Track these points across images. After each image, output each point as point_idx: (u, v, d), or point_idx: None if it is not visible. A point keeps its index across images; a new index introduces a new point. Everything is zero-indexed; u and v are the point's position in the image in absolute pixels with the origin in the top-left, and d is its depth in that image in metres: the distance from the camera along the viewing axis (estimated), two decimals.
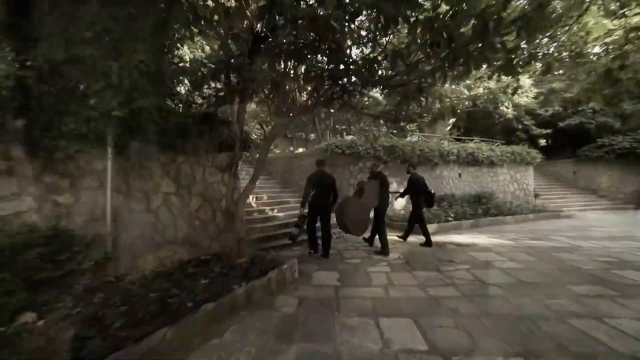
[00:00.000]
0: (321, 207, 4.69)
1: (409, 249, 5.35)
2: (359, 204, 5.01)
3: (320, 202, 4.67)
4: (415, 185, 5.60)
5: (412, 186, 5.64)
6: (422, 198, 5.57)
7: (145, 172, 3.68)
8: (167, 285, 2.87)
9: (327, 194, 4.73)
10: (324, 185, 4.70)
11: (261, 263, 3.80)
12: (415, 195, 5.59)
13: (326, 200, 4.71)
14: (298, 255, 5.00)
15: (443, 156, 9.80)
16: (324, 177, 4.76)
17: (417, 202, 5.60)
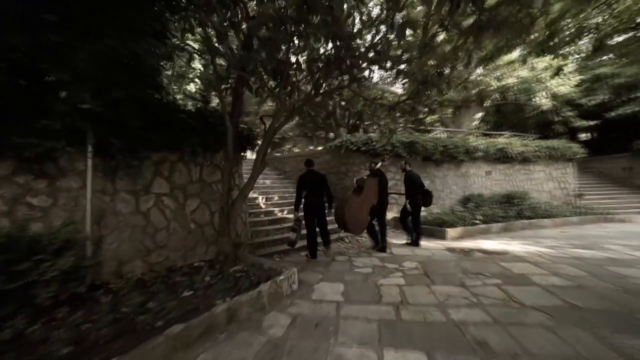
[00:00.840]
0: (316, 207, 4.52)
1: (428, 255, 4.70)
2: (357, 202, 4.83)
3: (314, 203, 4.50)
4: (412, 183, 5.39)
5: (409, 185, 5.42)
6: (420, 197, 5.37)
7: (133, 171, 3.40)
8: (143, 298, 2.52)
9: (319, 194, 4.57)
10: (316, 185, 4.55)
11: (257, 272, 3.39)
12: (415, 192, 5.36)
13: (320, 200, 4.55)
14: (304, 261, 4.55)
15: (469, 152, 8.89)
16: (314, 176, 4.62)
17: (415, 199, 5.36)
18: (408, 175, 5.46)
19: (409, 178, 5.43)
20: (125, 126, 2.96)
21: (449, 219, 6.51)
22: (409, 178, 5.43)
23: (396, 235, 6.57)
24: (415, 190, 5.32)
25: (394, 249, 5.22)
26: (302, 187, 4.50)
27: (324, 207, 4.59)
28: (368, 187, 4.94)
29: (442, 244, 5.60)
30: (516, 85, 11.15)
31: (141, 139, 3.28)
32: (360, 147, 7.55)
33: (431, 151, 8.08)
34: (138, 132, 3.12)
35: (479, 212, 7.22)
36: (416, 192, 5.32)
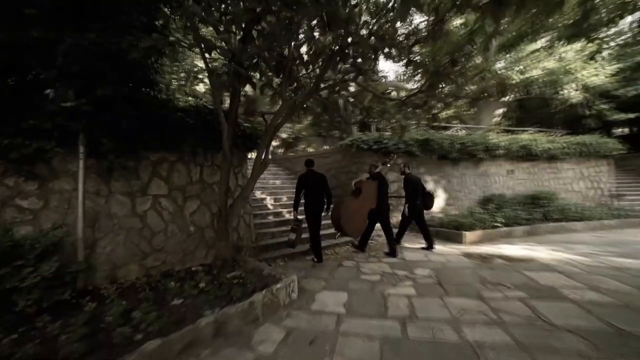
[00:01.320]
0: (315, 207, 4.41)
1: (442, 262, 4.30)
2: (354, 204, 4.69)
3: (314, 203, 4.40)
4: (412, 186, 5.20)
5: (409, 187, 5.22)
6: (420, 200, 5.20)
7: (128, 172, 3.29)
8: (127, 307, 2.36)
9: (319, 194, 4.44)
10: (315, 185, 4.43)
11: (255, 279, 3.18)
12: (414, 194, 5.18)
13: (319, 200, 4.44)
14: (309, 266, 4.29)
15: (489, 150, 8.30)
16: (314, 177, 4.49)
17: (414, 202, 5.18)
18: (408, 179, 5.26)
19: (408, 181, 5.23)
20: (116, 126, 2.83)
21: (466, 221, 6.03)
22: (408, 181, 5.23)
23: (410, 239, 6.18)
24: (415, 194, 5.14)
25: (407, 254, 4.86)
26: (301, 187, 4.41)
27: (322, 208, 4.47)
28: (366, 190, 4.76)
29: (459, 248, 5.16)
30: (541, 77, 10.31)
31: (135, 139, 3.16)
32: (371, 145, 7.19)
33: (447, 149, 7.58)
34: (131, 131, 2.98)
35: (500, 213, 6.66)
36: (416, 196, 5.15)
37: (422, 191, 5.26)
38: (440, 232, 6.13)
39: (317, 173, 4.57)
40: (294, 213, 4.41)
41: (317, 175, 4.53)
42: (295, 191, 4.41)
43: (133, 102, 2.90)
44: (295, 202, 4.38)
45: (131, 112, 2.87)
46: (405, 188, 5.27)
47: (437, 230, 6.20)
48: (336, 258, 4.72)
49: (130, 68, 2.66)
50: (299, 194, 4.39)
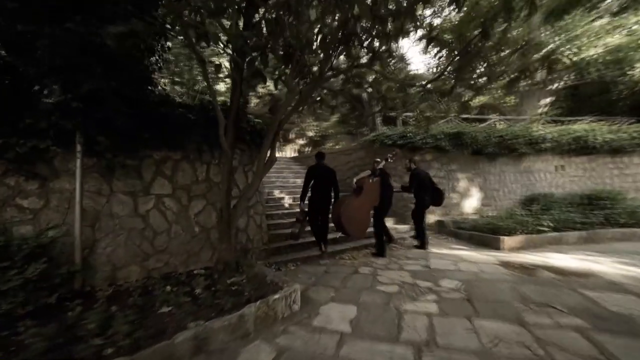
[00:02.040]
0: (321, 201, 4.34)
1: (474, 272, 3.67)
2: (356, 202, 4.44)
3: (320, 197, 4.32)
4: (418, 181, 4.97)
5: (416, 181, 4.98)
6: (428, 196, 5.00)
7: (127, 171, 3.18)
8: (112, 314, 2.19)
9: (327, 188, 4.36)
10: (324, 178, 4.36)
11: (256, 285, 2.90)
12: (421, 191, 4.96)
13: (326, 194, 4.36)
14: (321, 272, 3.92)
15: (533, 143, 7.26)
16: (323, 170, 4.42)
17: (421, 198, 4.97)
18: (413, 174, 5.04)
19: (414, 177, 5.00)
20: (110, 123, 2.71)
21: (505, 224, 5.22)
22: (414, 177, 5.00)
23: (439, 242, 5.52)
24: (422, 190, 4.93)
25: (434, 261, 4.27)
26: (310, 180, 4.35)
27: (329, 203, 4.40)
28: (368, 188, 4.50)
29: (496, 256, 4.43)
30: (602, 57, 8.79)
31: (134, 137, 3.04)
32: (396, 140, 6.61)
33: (482, 143, 6.73)
34: (127, 129, 2.86)
35: (547, 216, 5.70)
36: (423, 192, 4.94)
37: (432, 186, 5.03)
38: (473, 236, 5.39)
39: (327, 167, 4.50)
40: (300, 204, 4.39)
41: (326, 169, 4.46)
42: (304, 182, 4.39)
43: (127, 99, 2.75)
44: (303, 194, 4.37)
45: (124, 109, 2.72)
46: (410, 184, 5.03)
47: (470, 234, 5.47)
48: (353, 264, 4.29)
49: (119, 62, 2.50)
50: (307, 186, 4.35)
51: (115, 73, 2.50)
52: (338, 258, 4.59)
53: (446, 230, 6.05)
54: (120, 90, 2.61)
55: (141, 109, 2.96)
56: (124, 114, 2.73)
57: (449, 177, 6.67)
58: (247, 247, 4.13)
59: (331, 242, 5.09)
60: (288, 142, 22.20)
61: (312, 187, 4.35)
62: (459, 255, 4.56)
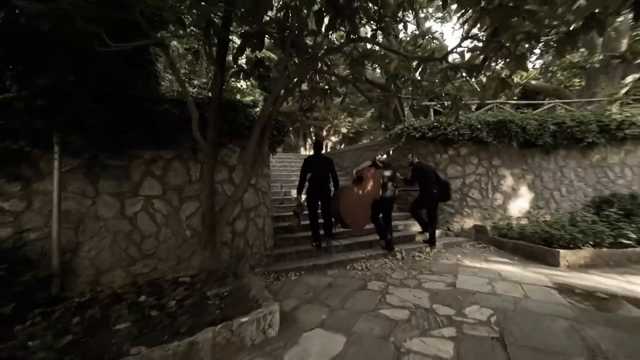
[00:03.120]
0: (320, 191, 4.16)
1: (516, 297, 2.78)
2: (355, 193, 4.22)
3: (319, 187, 4.15)
4: (422, 173, 4.73)
5: (419, 174, 4.74)
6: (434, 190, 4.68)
7: (114, 171, 3.01)
8: (58, 331, 1.95)
9: (324, 178, 4.20)
10: (321, 168, 4.20)
11: (237, 300, 2.52)
12: (428, 183, 4.68)
13: (324, 185, 4.20)
14: (323, 285, 3.38)
15: (609, 131, 5.71)
16: (320, 159, 4.27)
17: (428, 190, 4.66)
18: (416, 167, 4.81)
19: (417, 170, 4.77)
20: (84, 121, 2.52)
21: (565, 232, 4.07)
22: (417, 170, 4.77)
23: (474, 252, 4.57)
24: (426, 182, 4.66)
25: (463, 277, 3.44)
26: (306, 170, 4.18)
27: (329, 193, 4.23)
28: (368, 179, 4.28)
29: (549, 275, 3.41)
30: None
31: (117, 136, 2.85)
32: (425, 132, 5.69)
33: (534, 133, 5.48)
34: (108, 127, 2.66)
35: (628, 225, 4.34)
36: (428, 184, 4.66)
37: (437, 180, 4.75)
38: (519, 246, 4.33)
39: (324, 156, 4.36)
40: (297, 196, 4.26)
41: (324, 158, 4.31)
42: (300, 174, 4.23)
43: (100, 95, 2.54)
44: (300, 185, 4.24)
45: (97, 106, 2.51)
46: (412, 178, 4.78)
47: (516, 243, 4.41)
48: (364, 276, 3.67)
49: (80, 53, 2.26)
50: (304, 177, 4.20)
51: (76, 65, 2.27)
52: (349, 268, 3.99)
53: (485, 238, 5.02)
54: (87, 85, 2.39)
55: (120, 105, 2.73)
56: (95, 111, 2.51)
57: (489, 175, 5.55)
58: (245, 253, 3.77)
59: (345, 249, 4.51)
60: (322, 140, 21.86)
61: (310, 179, 4.17)
62: (497, 270, 3.63)
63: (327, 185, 4.22)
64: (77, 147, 2.60)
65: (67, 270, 2.72)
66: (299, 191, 4.26)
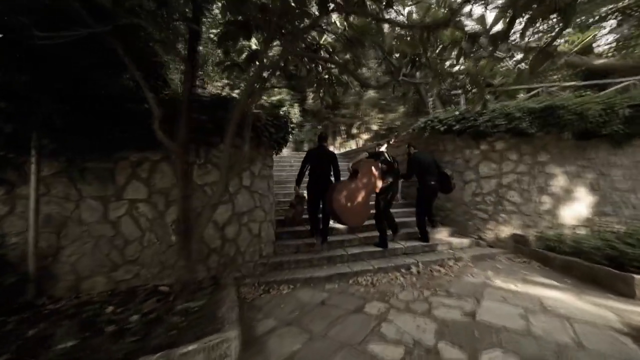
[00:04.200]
0: (320, 185, 3.97)
1: (563, 342, 2.00)
2: (350, 187, 3.95)
3: (318, 180, 3.99)
4: (418, 164, 4.42)
5: (415, 166, 4.45)
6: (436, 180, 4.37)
7: (103, 174, 2.92)
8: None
9: (325, 171, 4.04)
10: (322, 161, 4.04)
11: (200, 319, 2.21)
12: (426, 175, 4.36)
13: (325, 178, 4.03)
14: (315, 303, 2.92)
15: None
16: (322, 152, 4.09)
17: (425, 182, 4.35)
18: (412, 158, 4.49)
19: (413, 160, 4.44)
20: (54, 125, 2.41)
21: None
22: (413, 160, 4.44)
23: (509, 269, 3.69)
24: (425, 173, 4.34)
25: (487, 303, 2.69)
26: (306, 162, 4.07)
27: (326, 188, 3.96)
28: (364, 172, 3.99)
29: (617, 309, 2.49)
30: None
31: (97, 137, 2.73)
32: (452, 125, 4.85)
33: (598, 120, 4.29)
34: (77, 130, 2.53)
35: None
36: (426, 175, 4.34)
37: (437, 171, 4.42)
38: (573, 265, 3.37)
39: (327, 149, 4.17)
40: (295, 188, 4.13)
41: (326, 151, 4.12)
42: (301, 165, 4.11)
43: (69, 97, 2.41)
44: (299, 177, 4.11)
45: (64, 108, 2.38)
46: (408, 170, 4.45)
47: (569, 261, 3.44)
48: (366, 293, 3.11)
49: (27, 51, 2.12)
50: (303, 169, 4.09)
51: (25, 64, 2.13)
52: (352, 282, 3.45)
53: (527, 251, 4.06)
54: (48, 86, 2.25)
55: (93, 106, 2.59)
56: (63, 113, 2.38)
57: (534, 173, 4.50)
58: (235, 261, 3.46)
59: (351, 259, 3.97)
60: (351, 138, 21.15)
61: (310, 171, 4.06)
62: (538, 297, 2.79)
63: (326, 179, 4.05)
64: (51, 151, 2.51)
65: (46, 276, 2.66)
66: (297, 183, 4.12)
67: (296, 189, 4.13)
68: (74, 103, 2.46)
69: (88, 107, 2.57)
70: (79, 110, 2.51)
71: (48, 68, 2.20)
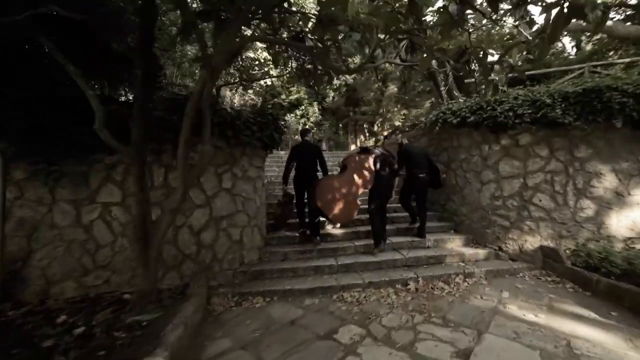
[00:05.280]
0: (305, 180, 3.91)
1: None
2: (337, 182, 3.85)
3: (304, 176, 3.92)
4: (407, 156, 4.13)
5: (403, 157, 4.16)
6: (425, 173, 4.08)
7: (77, 177, 2.86)
8: None
9: (310, 166, 3.97)
10: (307, 155, 3.98)
11: (145, 336, 1.98)
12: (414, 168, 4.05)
13: (311, 173, 3.96)
14: (284, 324, 2.57)
15: None
16: (306, 147, 4.04)
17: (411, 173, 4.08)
18: (402, 150, 4.27)
19: (403, 152, 4.23)
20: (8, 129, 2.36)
21: None
22: (403, 152, 4.23)
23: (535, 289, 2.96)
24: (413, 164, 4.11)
25: (491, 339, 2.09)
26: (292, 158, 4.01)
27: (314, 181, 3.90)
28: (353, 167, 3.83)
29: None
30: None
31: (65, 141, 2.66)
32: (466, 117, 4.12)
33: None
34: (35, 133, 2.47)
35: None
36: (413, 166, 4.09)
37: (428, 164, 4.20)
38: (621, 290, 2.56)
39: (311, 144, 4.13)
40: (283, 186, 4.14)
41: (310, 146, 4.08)
42: (286, 162, 4.03)
43: (19, 100, 2.33)
44: (285, 174, 4.06)
45: (17, 113, 2.31)
46: (398, 162, 4.17)
47: (613, 284, 2.64)
48: (346, 313, 2.68)
49: None
50: (289, 165, 4.01)
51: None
52: (336, 297, 3.00)
53: (559, 268, 3.26)
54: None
55: (52, 108, 2.50)
56: (16, 118, 2.30)
57: (570, 172, 3.61)
58: (211, 268, 3.23)
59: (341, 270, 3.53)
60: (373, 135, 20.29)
61: (297, 167, 3.98)
62: (566, 334, 2.12)
63: (312, 174, 3.98)
64: (12, 155, 2.46)
65: (16, 280, 2.65)
66: (284, 180, 4.09)
67: (284, 187, 4.12)
68: (30, 107, 2.38)
69: (43, 111, 2.48)
70: (40, 113, 2.43)
71: None
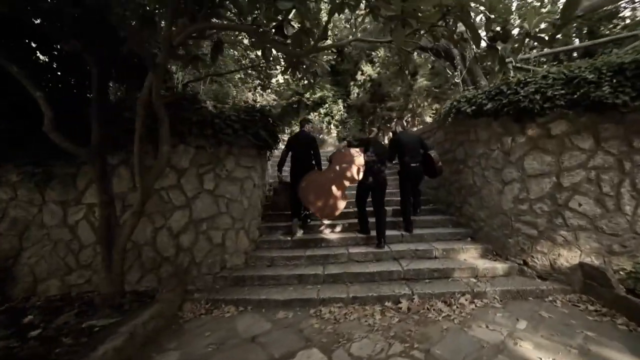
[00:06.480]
0: (299, 170, 3.88)
1: None
2: (321, 177, 3.74)
3: (299, 166, 3.92)
4: (398, 145, 3.94)
5: (394, 146, 4.00)
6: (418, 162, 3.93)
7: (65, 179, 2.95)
8: None
9: (304, 155, 3.96)
10: (301, 144, 3.98)
11: (89, 345, 1.89)
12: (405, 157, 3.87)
13: (306, 164, 3.94)
14: (243, 339, 2.31)
15: None
16: (303, 137, 4.01)
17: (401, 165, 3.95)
18: (395, 139, 4.01)
19: (394, 141, 3.97)
20: None
21: None
22: (394, 141, 3.97)
23: (567, 319, 2.27)
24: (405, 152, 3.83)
25: None
26: (288, 148, 4.05)
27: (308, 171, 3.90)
28: (338, 161, 3.76)
29: None
30: None
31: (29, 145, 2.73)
32: (483, 104, 3.40)
33: None
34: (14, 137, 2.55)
35: None
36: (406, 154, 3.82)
37: (423, 153, 3.95)
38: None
39: (307, 134, 4.09)
40: (277, 174, 4.16)
41: (306, 136, 4.05)
42: (282, 151, 4.10)
43: None
44: (280, 163, 4.09)
45: None
46: (389, 151, 3.94)
47: None
48: (318, 332, 2.33)
49: None
50: (285, 154, 4.08)
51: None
52: (314, 312, 2.64)
53: (605, 294, 2.47)
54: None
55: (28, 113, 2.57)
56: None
57: (626, 169, 2.73)
58: (189, 272, 3.10)
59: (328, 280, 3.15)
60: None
61: (292, 157, 4.02)
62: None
63: (307, 164, 3.97)
64: None
65: (7, 277, 2.78)
66: (278, 168, 4.12)
67: (278, 175, 4.13)
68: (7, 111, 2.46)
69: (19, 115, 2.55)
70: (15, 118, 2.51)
71: None
